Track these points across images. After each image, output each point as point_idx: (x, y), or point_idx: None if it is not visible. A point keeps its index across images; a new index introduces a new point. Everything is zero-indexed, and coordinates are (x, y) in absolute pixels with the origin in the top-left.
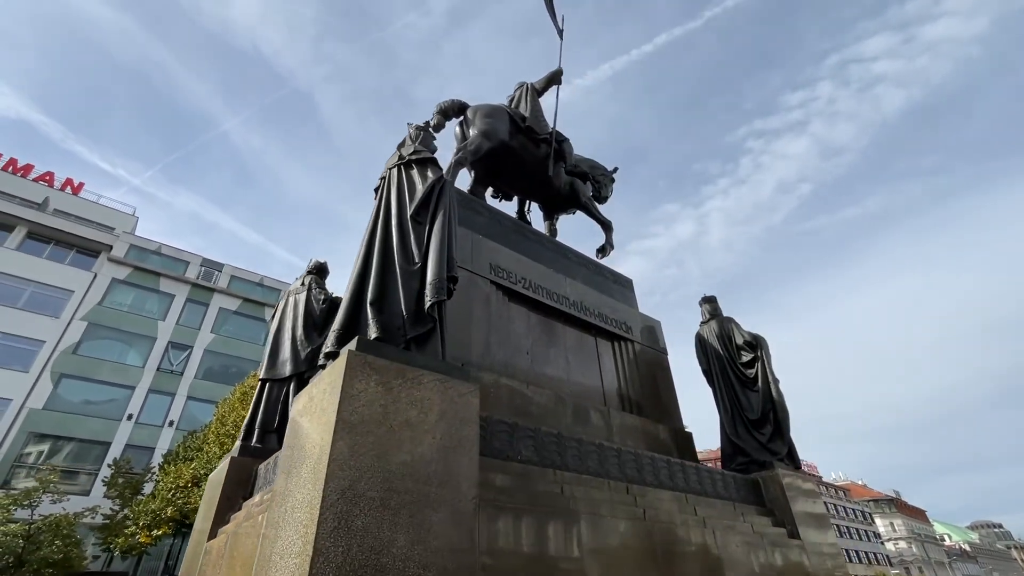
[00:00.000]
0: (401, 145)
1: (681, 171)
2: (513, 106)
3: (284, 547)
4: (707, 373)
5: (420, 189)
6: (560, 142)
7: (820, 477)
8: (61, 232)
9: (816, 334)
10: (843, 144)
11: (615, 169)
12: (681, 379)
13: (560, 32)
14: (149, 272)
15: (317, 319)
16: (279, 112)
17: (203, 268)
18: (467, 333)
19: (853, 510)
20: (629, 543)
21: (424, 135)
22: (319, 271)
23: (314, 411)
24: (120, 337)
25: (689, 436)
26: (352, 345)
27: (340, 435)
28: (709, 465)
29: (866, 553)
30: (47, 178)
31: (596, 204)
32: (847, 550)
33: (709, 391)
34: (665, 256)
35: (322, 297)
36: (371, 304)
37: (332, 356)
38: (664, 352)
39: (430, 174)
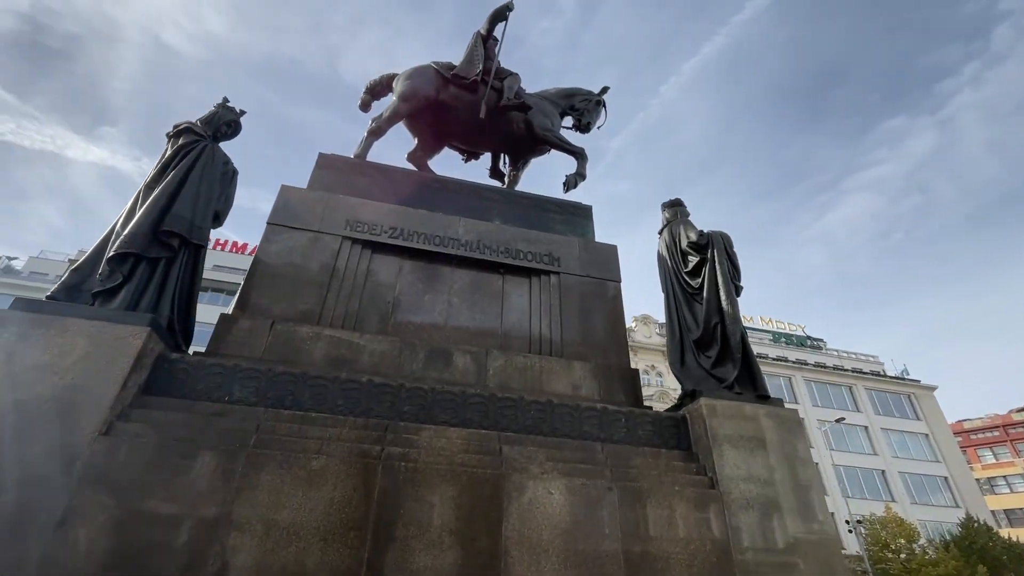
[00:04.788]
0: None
1: (900, 74)
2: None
3: None
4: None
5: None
6: (502, 79)
7: None
8: None
9: None
10: None
11: (603, 90)
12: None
13: None
14: None
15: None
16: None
17: None
18: (298, 290)
19: None
20: (323, 482)
21: (218, 111)
22: None
23: None
24: None
25: (631, 374)
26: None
27: None
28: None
29: None
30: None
31: (557, 134)
32: None
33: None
34: (900, 183)
35: None
36: (73, 270)
37: None
38: (611, 280)
39: (181, 141)
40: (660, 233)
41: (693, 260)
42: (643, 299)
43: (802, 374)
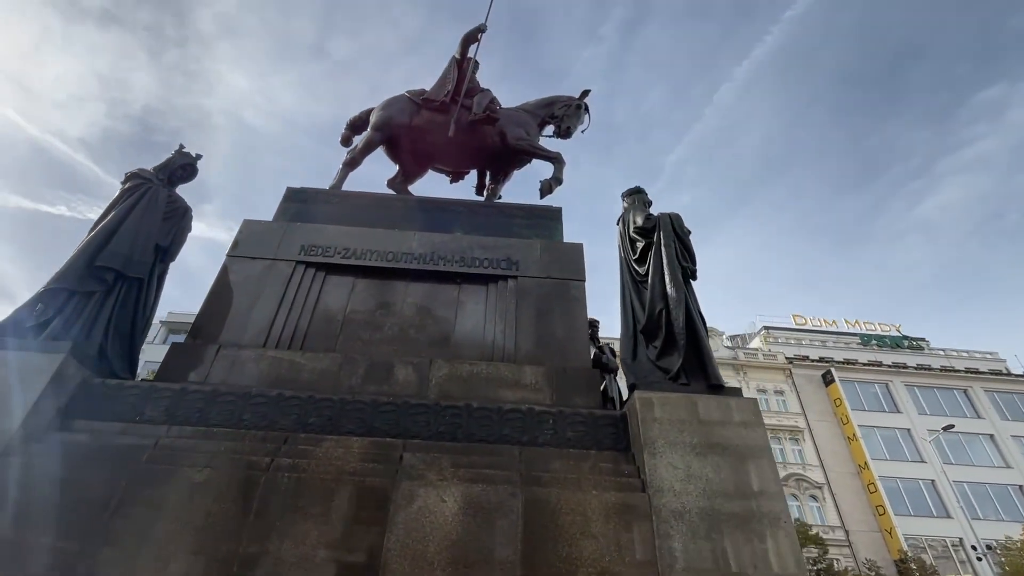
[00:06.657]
0: None
1: (987, 40)
2: None
3: None
4: None
5: None
6: (472, 96)
7: None
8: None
9: None
10: None
11: (584, 93)
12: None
13: None
14: None
15: None
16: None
17: None
18: (248, 316)
19: None
20: (204, 495)
21: (173, 157)
22: None
23: None
24: None
25: (592, 375)
26: None
27: None
28: None
29: None
30: None
31: (532, 141)
32: None
33: None
34: (1009, 157)
35: None
36: (19, 308)
37: None
38: (573, 279)
39: (127, 185)
40: (617, 223)
41: (640, 245)
42: (711, 311)
43: (902, 379)
